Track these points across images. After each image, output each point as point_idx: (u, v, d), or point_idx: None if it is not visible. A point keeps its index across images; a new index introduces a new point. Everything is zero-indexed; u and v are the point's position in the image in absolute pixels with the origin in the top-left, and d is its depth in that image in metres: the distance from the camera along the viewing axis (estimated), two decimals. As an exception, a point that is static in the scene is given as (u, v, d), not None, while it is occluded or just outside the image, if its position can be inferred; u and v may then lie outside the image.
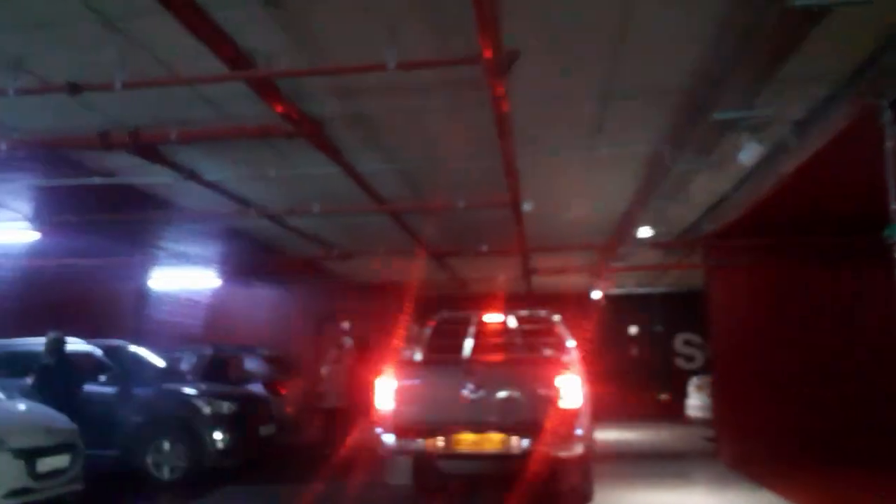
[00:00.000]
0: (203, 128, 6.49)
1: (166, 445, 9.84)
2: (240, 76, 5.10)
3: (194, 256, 13.02)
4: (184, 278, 14.26)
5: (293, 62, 5.23)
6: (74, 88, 5.12)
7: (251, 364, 14.09)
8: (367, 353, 14.47)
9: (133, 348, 11.33)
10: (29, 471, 7.36)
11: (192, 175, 7.85)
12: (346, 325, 17.88)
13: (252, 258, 13.54)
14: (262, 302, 17.68)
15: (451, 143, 7.22)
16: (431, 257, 12.13)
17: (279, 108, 5.66)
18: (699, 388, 14.08)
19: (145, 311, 14.28)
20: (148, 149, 6.69)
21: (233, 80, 5.28)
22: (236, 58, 4.94)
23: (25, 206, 9.42)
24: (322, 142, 6.67)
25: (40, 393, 8.93)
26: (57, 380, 9.20)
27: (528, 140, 6.80)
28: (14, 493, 7.22)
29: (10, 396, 8.69)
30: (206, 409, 10.04)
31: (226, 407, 10.25)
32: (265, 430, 11.18)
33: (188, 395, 10.30)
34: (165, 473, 9.80)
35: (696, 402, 14.27)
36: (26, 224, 9.54)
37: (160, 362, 11.47)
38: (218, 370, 12.87)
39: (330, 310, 18.38)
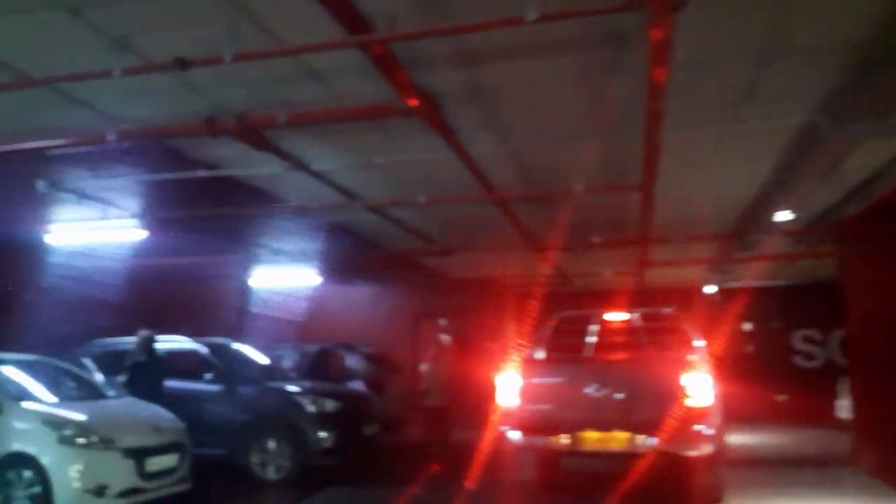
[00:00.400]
0: (312, 109, 6.08)
1: (271, 444, 9.68)
2: (356, 41, 4.65)
3: (295, 253, 12.84)
4: (284, 275, 14.17)
5: (413, 27, 4.72)
6: (183, 64, 4.79)
7: (352, 361, 13.92)
8: (465, 350, 14.05)
9: (237, 346, 11.26)
10: (138, 470, 7.29)
11: (299, 164, 7.52)
12: (442, 321, 17.53)
13: (352, 254, 13.27)
14: (361, 298, 17.50)
15: (573, 118, 6.62)
16: (537, 251, 11.52)
17: (396, 81, 5.18)
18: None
19: (247, 308, 14.26)
20: (254, 134, 6.36)
21: (349, 46, 4.84)
22: (354, 22, 4.48)
23: (132, 204, 9.33)
24: (437, 121, 6.17)
25: (131, 390, 8.99)
26: (146, 377, 9.26)
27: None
28: (124, 493, 7.16)
29: (119, 395, 8.67)
30: (311, 408, 9.83)
31: (330, 405, 10.01)
32: (368, 428, 10.89)
33: (292, 393, 10.11)
34: (270, 472, 9.63)
35: (847, 403, 13.19)
36: (134, 222, 9.47)
37: (264, 360, 11.36)
38: (320, 368, 12.72)
39: (428, 306, 18.02)
